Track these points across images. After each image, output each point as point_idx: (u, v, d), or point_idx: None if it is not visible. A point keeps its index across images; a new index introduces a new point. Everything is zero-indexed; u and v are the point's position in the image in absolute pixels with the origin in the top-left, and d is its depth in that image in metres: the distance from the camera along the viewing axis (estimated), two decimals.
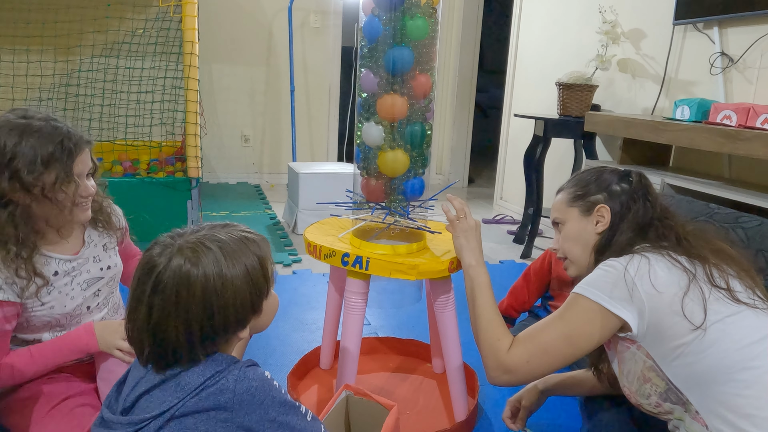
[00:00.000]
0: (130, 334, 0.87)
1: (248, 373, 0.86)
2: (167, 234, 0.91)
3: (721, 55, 2.34)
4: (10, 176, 1.08)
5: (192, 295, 0.83)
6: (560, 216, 1.23)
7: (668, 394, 1.02)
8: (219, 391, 0.84)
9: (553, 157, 3.31)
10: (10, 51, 3.33)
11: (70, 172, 1.14)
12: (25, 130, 1.10)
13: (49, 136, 1.11)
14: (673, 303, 0.99)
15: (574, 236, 1.20)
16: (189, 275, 0.84)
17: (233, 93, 4.42)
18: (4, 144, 1.08)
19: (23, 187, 1.09)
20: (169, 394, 0.85)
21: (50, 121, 1.14)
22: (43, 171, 1.10)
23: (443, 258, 1.34)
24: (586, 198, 1.19)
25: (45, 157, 1.10)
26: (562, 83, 2.90)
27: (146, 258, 0.87)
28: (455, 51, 4.76)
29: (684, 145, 2.08)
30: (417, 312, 2.18)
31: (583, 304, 1.04)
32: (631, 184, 1.18)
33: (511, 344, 1.08)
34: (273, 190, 4.43)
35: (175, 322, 0.83)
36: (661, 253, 1.05)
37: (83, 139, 1.17)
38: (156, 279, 0.84)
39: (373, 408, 1.18)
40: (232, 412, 0.84)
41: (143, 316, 0.84)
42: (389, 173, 1.35)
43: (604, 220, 1.16)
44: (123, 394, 0.90)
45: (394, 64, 1.28)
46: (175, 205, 2.87)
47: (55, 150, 1.11)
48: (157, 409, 0.84)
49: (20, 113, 1.14)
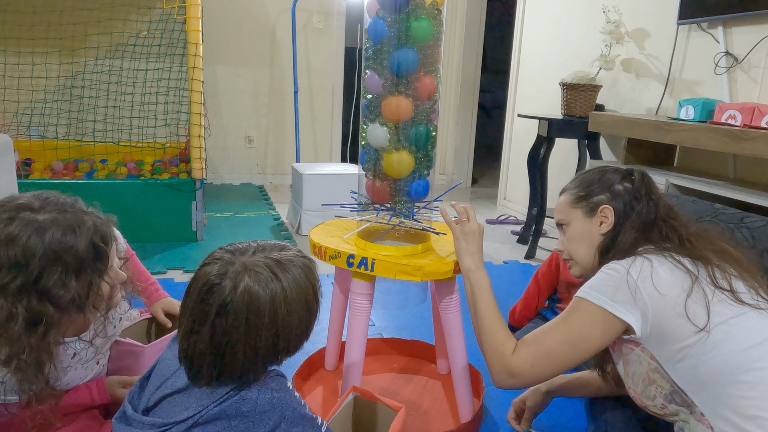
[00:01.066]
0: (184, 354, 0.86)
1: (271, 384, 0.87)
2: (224, 249, 0.89)
3: (726, 55, 2.34)
4: (39, 298, 0.95)
5: (261, 320, 0.83)
6: (564, 217, 1.23)
7: (673, 396, 1.02)
8: (242, 400, 0.85)
9: (557, 157, 3.30)
10: (15, 53, 3.34)
11: (105, 271, 1.02)
12: (40, 231, 0.94)
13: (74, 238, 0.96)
14: (676, 305, 0.99)
15: (579, 237, 1.20)
16: (258, 300, 0.83)
17: (237, 94, 4.43)
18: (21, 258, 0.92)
19: (56, 306, 0.96)
20: (194, 401, 0.85)
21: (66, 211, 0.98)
22: (75, 280, 0.96)
23: (448, 259, 1.34)
24: (589, 199, 1.19)
25: (76, 266, 0.96)
26: (565, 83, 2.89)
27: (204, 276, 0.85)
28: (458, 51, 4.76)
29: (688, 145, 2.08)
30: (421, 313, 2.18)
31: (586, 308, 1.04)
32: (633, 183, 1.17)
33: (515, 348, 1.08)
34: (277, 191, 4.43)
35: (243, 346, 0.83)
36: (664, 254, 1.05)
37: (110, 223, 1.05)
38: (222, 301, 0.82)
39: (380, 410, 1.18)
40: (253, 422, 0.85)
41: (205, 338, 0.83)
42: (394, 174, 1.35)
43: (608, 221, 1.15)
44: (147, 392, 0.90)
45: (398, 65, 1.28)
46: (180, 206, 2.87)
47: (86, 257, 0.97)
48: (181, 414, 0.85)
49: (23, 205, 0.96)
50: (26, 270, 0.93)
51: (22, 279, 0.93)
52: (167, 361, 0.92)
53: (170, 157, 3.32)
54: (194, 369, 0.86)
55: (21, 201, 0.98)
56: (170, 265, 2.57)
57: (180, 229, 2.90)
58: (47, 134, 3.35)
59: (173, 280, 2.41)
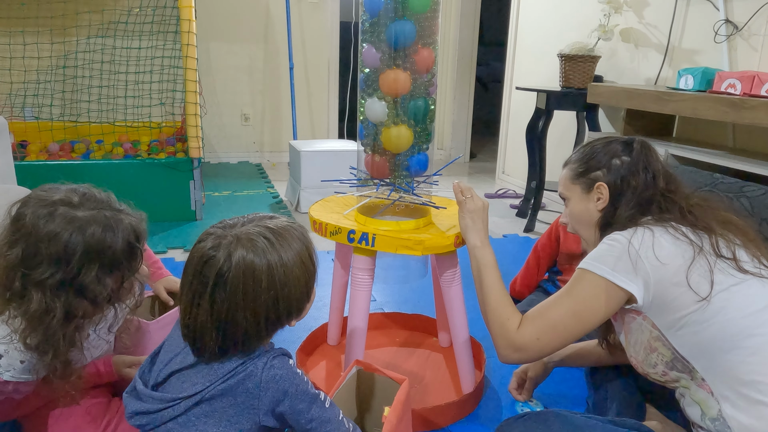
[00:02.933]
0: (186, 329, 0.87)
1: (275, 362, 0.89)
2: (215, 226, 0.91)
3: (726, 23, 2.31)
4: (76, 293, 0.98)
5: (258, 285, 0.85)
6: (565, 192, 1.24)
7: (674, 363, 1.03)
8: (247, 376, 0.87)
9: (556, 129, 3.28)
10: (5, 33, 3.29)
11: (137, 270, 1.06)
12: (83, 228, 0.97)
13: (113, 235, 0.99)
14: (677, 274, 0.99)
15: (578, 214, 1.21)
16: (254, 266, 0.84)
17: (232, 71, 4.38)
18: (62, 255, 0.95)
19: (92, 301, 1.00)
20: (202, 377, 0.87)
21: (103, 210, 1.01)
22: (110, 277, 1.00)
23: (449, 233, 1.34)
24: (587, 175, 1.18)
25: (113, 262, 0.99)
26: (564, 54, 2.87)
27: (199, 252, 0.86)
28: (455, 23, 4.69)
29: (688, 115, 2.07)
30: (422, 287, 2.20)
31: (589, 279, 1.05)
32: (632, 156, 1.16)
33: (520, 323, 1.09)
34: (274, 168, 4.42)
35: (244, 313, 0.85)
36: (665, 225, 1.05)
37: (142, 221, 1.07)
38: (218, 273, 0.84)
39: (383, 383, 1.19)
40: (258, 399, 0.87)
41: (205, 310, 0.85)
42: (393, 149, 1.35)
43: (604, 198, 1.15)
44: (156, 369, 0.92)
45: (396, 38, 1.27)
46: (178, 185, 2.86)
47: (121, 255, 1.01)
48: (189, 390, 0.86)
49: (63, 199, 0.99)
50: (66, 266, 0.96)
51: (61, 275, 0.95)
52: (176, 338, 0.93)
53: (166, 137, 3.29)
54: (198, 343, 0.87)
55: (59, 196, 1.00)
56: (170, 245, 2.58)
57: (179, 208, 2.90)
58: (41, 116, 3.32)
59: (174, 260, 2.42)
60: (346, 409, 1.16)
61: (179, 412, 0.86)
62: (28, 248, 0.95)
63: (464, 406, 1.44)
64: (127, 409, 0.89)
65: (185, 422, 0.87)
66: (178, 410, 0.86)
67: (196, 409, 0.86)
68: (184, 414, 0.86)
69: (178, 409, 0.86)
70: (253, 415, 0.88)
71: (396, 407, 1.05)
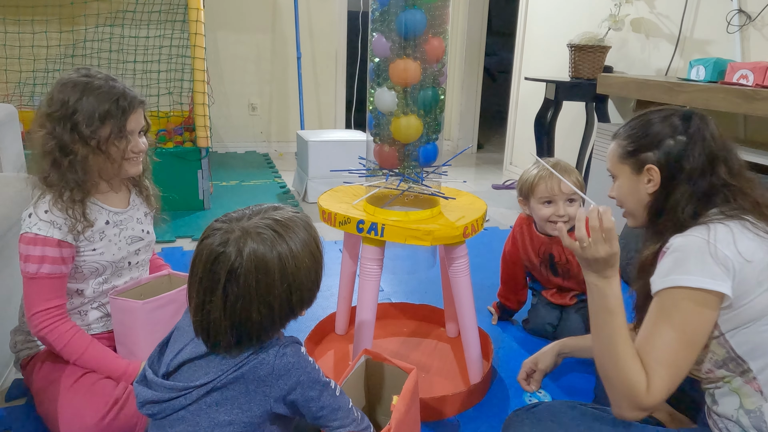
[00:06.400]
0: (199, 326, 0.88)
1: (287, 350, 0.89)
2: (219, 220, 0.90)
3: (739, 13, 2.28)
4: (71, 128, 1.19)
5: (271, 278, 0.85)
6: (613, 170, 1.15)
7: (726, 362, 0.98)
8: (259, 364, 0.87)
9: (565, 120, 3.26)
10: (15, 22, 3.30)
11: (124, 128, 1.24)
12: (87, 87, 1.21)
13: (107, 95, 1.21)
14: (761, 273, 0.93)
15: (627, 193, 1.12)
16: (265, 259, 0.85)
17: (239, 61, 4.38)
18: (68, 99, 1.19)
19: (81, 139, 1.20)
20: (214, 366, 0.88)
21: (109, 81, 1.24)
22: (100, 126, 1.21)
23: (458, 223, 1.34)
24: (637, 155, 1.08)
25: (102, 113, 1.20)
26: (573, 45, 2.84)
27: (207, 248, 0.86)
28: (463, 13, 4.66)
29: (699, 106, 2.05)
30: (429, 277, 2.20)
31: (683, 296, 0.93)
32: (687, 135, 1.03)
33: (648, 382, 0.93)
34: (282, 158, 4.42)
35: (258, 307, 0.85)
36: (741, 221, 0.96)
37: (137, 99, 1.27)
38: (230, 269, 0.84)
39: (391, 372, 1.20)
40: (270, 386, 0.88)
41: (218, 306, 0.85)
42: (402, 139, 1.34)
43: (654, 181, 1.06)
44: (166, 358, 0.92)
45: (406, 27, 1.26)
46: (186, 175, 2.87)
47: (111, 107, 1.21)
48: (201, 379, 0.87)
49: (83, 72, 1.24)
50: (65, 107, 1.19)
51: (61, 111, 1.19)
52: (185, 328, 0.94)
53: (174, 126, 3.30)
54: (211, 339, 0.87)
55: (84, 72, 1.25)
56: (178, 234, 2.59)
57: (187, 198, 2.91)
58: None
59: (182, 249, 2.43)
60: (355, 398, 1.17)
61: (191, 400, 0.87)
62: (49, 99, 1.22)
63: (472, 396, 1.45)
64: (138, 398, 0.90)
65: (197, 411, 0.87)
66: (190, 399, 0.87)
67: (207, 397, 0.87)
68: (195, 402, 0.87)
69: (189, 397, 0.87)
70: (264, 403, 0.89)
71: (404, 396, 1.05)
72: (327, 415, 0.93)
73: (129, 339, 1.32)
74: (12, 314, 1.43)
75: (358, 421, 0.98)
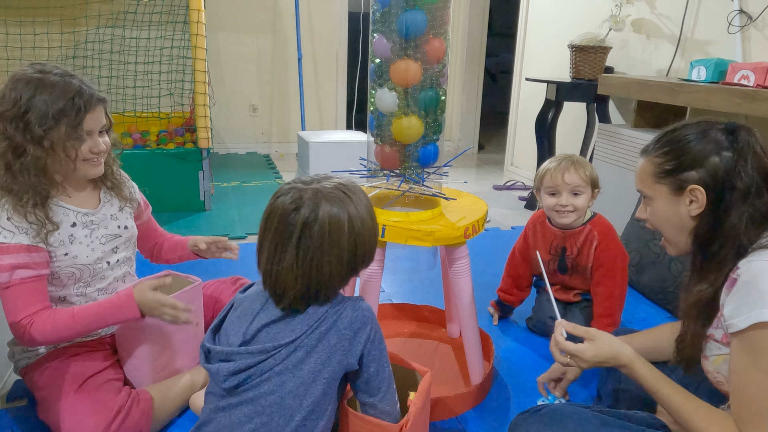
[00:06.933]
0: (269, 276, 0.95)
1: (361, 303, 0.99)
2: (289, 184, 0.99)
3: (740, 13, 2.28)
4: (23, 128, 1.13)
5: (341, 233, 0.94)
6: (647, 191, 1.05)
7: None
8: (339, 318, 0.96)
9: (565, 121, 3.27)
10: (16, 23, 3.30)
11: (80, 128, 1.17)
12: (40, 84, 1.14)
13: (62, 92, 1.15)
14: None
15: (665, 217, 1.02)
16: (339, 218, 0.94)
17: (240, 62, 4.38)
18: (19, 97, 1.13)
19: (34, 140, 1.14)
20: (295, 325, 0.95)
21: (65, 77, 1.17)
22: (53, 125, 1.14)
23: (459, 224, 1.34)
24: (677, 175, 0.98)
25: (55, 112, 1.14)
26: (574, 45, 2.84)
27: (279, 208, 0.94)
28: (464, 14, 4.67)
29: (700, 106, 2.05)
30: (430, 278, 2.20)
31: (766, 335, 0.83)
32: (735, 150, 0.94)
33: None
34: (283, 159, 4.42)
35: (329, 258, 0.94)
36: None
37: (95, 96, 1.20)
38: (305, 223, 0.92)
39: (400, 372, 1.20)
40: (349, 340, 0.96)
41: (290, 260, 0.92)
42: (403, 140, 1.35)
43: (699, 202, 0.96)
44: (238, 330, 0.97)
45: (407, 27, 1.26)
46: (187, 176, 2.88)
47: (66, 106, 1.14)
48: (287, 337, 0.94)
49: (38, 68, 1.18)
50: (16, 106, 1.13)
51: (14, 111, 1.13)
52: (251, 299, 1.01)
53: (175, 127, 3.30)
54: (280, 290, 0.94)
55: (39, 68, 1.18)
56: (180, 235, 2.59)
57: (188, 198, 2.91)
58: None
59: None
60: None
61: (279, 360, 0.93)
62: (0, 97, 1.16)
63: (473, 396, 1.45)
64: (219, 375, 0.94)
65: (282, 371, 0.93)
66: (279, 358, 0.93)
67: (294, 356, 0.93)
68: (282, 363, 0.93)
69: (278, 357, 0.93)
70: (342, 357, 0.95)
71: (420, 394, 1.10)
72: (377, 382, 0.99)
73: (130, 341, 1.31)
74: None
75: (395, 402, 1.04)
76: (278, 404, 0.92)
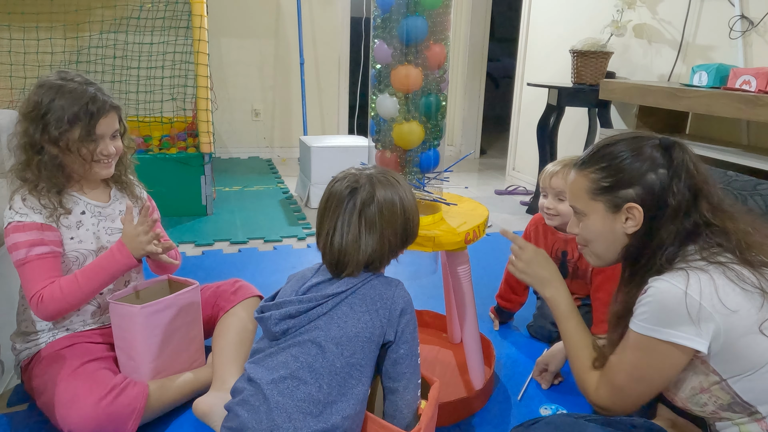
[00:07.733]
0: (327, 251, 1.05)
1: (400, 283, 1.09)
2: (342, 172, 1.10)
3: (741, 18, 2.28)
4: (42, 129, 1.26)
5: (396, 212, 1.06)
6: (581, 207, 1.05)
7: (731, 406, 0.95)
8: (379, 283, 1.06)
9: (567, 126, 3.27)
10: (20, 28, 3.32)
11: (93, 131, 1.28)
12: (60, 90, 1.27)
13: (78, 98, 1.26)
14: (749, 320, 0.89)
15: (599, 233, 1.03)
16: (393, 199, 1.06)
17: (242, 67, 4.39)
18: (40, 100, 1.26)
19: (51, 140, 1.27)
20: (343, 283, 1.05)
21: (83, 85, 1.29)
22: (68, 128, 1.26)
23: (460, 229, 1.34)
24: (614, 192, 0.99)
25: (71, 116, 1.25)
26: (576, 50, 2.85)
27: (338, 190, 1.06)
28: (466, 19, 4.68)
29: (701, 111, 2.05)
30: (431, 283, 2.20)
31: (648, 345, 0.94)
32: (671, 169, 0.95)
33: (597, 383, 1.05)
34: (284, 164, 4.43)
35: (385, 232, 1.05)
36: (722, 267, 0.91)
37: (108, 103, 1.31)
38: (364, 200, 1.04)
39: None
40: (388, 308, 1.04)
41: (354, 233, 1.03)
42: (404, 145, 1.35)
43: (635, 221, 0.98)
44: (288, 292, 1.08)
45: (408, 33, 1.26)
46: (189, 180, 2.88)
47: (80, 111, 1.26)
48: (336, 289, 1.03)
49: (61, 75, 1.31)
50: (39, 108, 1.26)
51: (36, 112, 1.26)
52: (302, 272, 1.11)
53: (178, 132, 3.31)
54: (343, 262, 1.04)
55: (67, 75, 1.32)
56: (181, 239, 2.59)
57: (190, 203, 2.91)
58: None
59: (185, 254, 2.44)
60: (379, 405, 1.17)
61: (327, 309, 1.02)
62: (26, 100, 1.30)
63: (474, 402, 1.45)
64: (272, 319, 1.02)
65: (329, 320, 1.01)
66: (327, 307, 1.02)
67: (339, 307, 1.02)
68: (329, 313, 1.01)
69: (326, 306, 1.02)
70: (382, 325, 1.03)
71: (431, 403, 1.12)
72: (404, 366, 1.05)
73: (128, 343, 1.32)
74: (11, 321, 1.43)
75: (416, 397, 1.10)
76: (321, 348, 1.00)
